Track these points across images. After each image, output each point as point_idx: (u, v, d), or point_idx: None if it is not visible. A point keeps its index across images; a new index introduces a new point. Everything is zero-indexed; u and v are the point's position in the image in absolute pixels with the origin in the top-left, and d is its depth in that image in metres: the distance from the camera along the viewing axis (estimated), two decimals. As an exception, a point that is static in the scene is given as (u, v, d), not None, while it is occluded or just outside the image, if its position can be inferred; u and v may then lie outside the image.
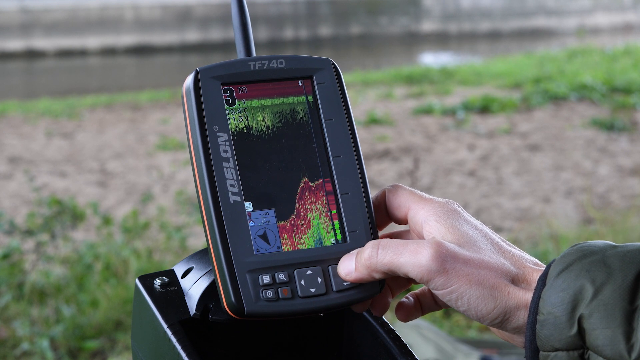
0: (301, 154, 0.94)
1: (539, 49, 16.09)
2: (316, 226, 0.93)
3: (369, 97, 10.84)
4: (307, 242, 0.92)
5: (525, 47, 17.70)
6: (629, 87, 10.62)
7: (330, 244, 0.92)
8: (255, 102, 0.94)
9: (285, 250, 0.91)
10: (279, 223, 0.92)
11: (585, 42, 16.43)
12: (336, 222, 0.93)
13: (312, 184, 0.94)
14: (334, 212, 0.93)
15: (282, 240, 0.92)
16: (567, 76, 11.43)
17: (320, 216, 0.93)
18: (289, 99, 0.95)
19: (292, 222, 0.92)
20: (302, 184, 0.93)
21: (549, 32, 21.57)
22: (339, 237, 0.93)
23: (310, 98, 0.96)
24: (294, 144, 0.94)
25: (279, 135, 0.94)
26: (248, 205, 0.91)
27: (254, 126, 0.93)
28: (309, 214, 0.93)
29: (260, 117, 0.94)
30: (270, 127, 0.94)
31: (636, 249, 0.84)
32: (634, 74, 11.37)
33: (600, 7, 22.65)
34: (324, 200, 0.93)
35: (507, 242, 0.91)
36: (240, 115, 0.93)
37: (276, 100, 0.95)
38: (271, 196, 0.92)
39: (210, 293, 0.94)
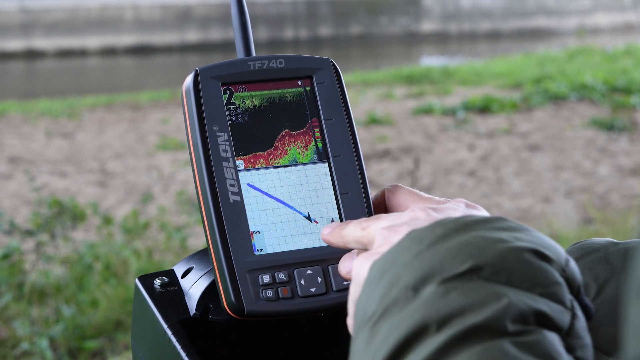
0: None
1: (539, 49, 16.08)
2: None
3: (369, 97, 10.83)
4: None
5: (525, 47, 17.70)
6: (629, 87, 10.61)
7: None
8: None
9: (285, 250, 0.91)
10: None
11: (585, 42, 16.42)
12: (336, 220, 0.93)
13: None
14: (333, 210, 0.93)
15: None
16: (567, 76, 11.42)
17: None
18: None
19: None
20: None
21: (549, 32, 21.56)
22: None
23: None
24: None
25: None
26: (248, 205, 0.91)
27: (253, 126, 0.94)
28: None
29: (260, 116, 0.94)
30: (270, 126, 0.94)
31: (638, 245, 0.84)
32: (634, 74, 11.36)
33: (600, 7, 22.65)
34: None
35: None
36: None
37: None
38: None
39: (210, 293, 0.94)
